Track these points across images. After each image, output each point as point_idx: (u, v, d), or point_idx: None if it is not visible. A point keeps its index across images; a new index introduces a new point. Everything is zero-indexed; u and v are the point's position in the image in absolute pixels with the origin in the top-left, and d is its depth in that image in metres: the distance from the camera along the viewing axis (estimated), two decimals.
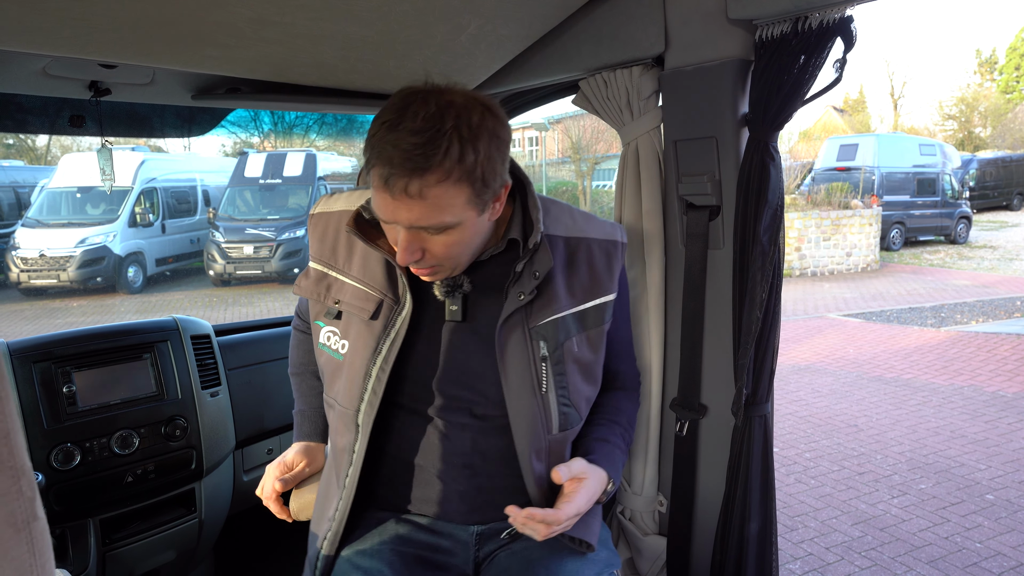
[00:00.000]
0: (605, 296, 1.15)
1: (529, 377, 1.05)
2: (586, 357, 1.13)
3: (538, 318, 1.06)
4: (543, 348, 1.06)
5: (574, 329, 1.10)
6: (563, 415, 1.10)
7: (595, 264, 1.14)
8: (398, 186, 0.86)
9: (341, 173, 14.40)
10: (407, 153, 0.85)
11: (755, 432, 1.28)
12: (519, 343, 1.05)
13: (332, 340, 1.11)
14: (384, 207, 0.91)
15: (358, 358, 1.05)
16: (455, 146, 0.86)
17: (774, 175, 1.19)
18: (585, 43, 1.41)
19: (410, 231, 0.92)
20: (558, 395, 1.09)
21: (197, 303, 10.81)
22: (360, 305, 1.07)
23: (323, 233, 1.14)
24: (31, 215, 11.90)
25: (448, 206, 0.89)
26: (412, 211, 0.89)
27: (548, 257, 1.05)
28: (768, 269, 1.21)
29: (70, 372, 1.52)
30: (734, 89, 1.21)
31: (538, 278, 1.04)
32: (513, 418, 1.06)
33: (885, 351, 6.60)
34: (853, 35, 1.08)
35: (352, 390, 1.06)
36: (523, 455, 1.06)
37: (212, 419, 1.69)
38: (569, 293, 1.10)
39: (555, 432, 1.09)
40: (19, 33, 1.08)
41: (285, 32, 1.21)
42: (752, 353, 1.24)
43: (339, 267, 1.11)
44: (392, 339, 1.04)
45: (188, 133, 1.92)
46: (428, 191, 0.87)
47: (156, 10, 1.05)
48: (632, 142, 1.41)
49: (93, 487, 1.51)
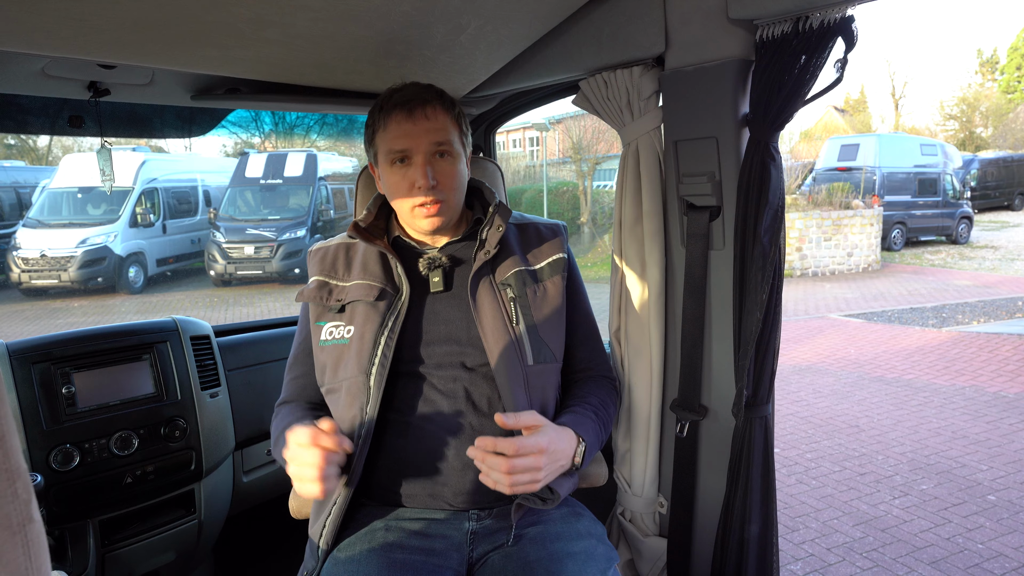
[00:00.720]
0: (555, 255, 1.33)
1: (501, 316, 1.22)
2: (549, 302, 1.29)
3: (502, 274, 1.27)
4: (510, 292, 1.25)
5: (533, 280, 1.29)
6: (536, 348, 1.24)
7: (543, 236, 1.36)
8: (418, 111, 1.18)
9: (342, 173, 14.40)
10: (418, 91, 1.21)
11: (756, 433, 1.27)
12: (488, 292, 1.24)
13: (336, 331, 1.24)
14: (407, 135, 1.19)
15: (368, 332, 1.20)
16: (447, 98, 1.25)
17: (775, 175, 1.18)
18: (585, 43, 1.40)
19: (426, 157, 1.19)
20: (528, 330, 1.24)
21: (198, 303, 10.81)
22: (365, 293, 1.23)
23: (322, 257, 1.33)
24: (32, 215, 11.90)
25: (450, 131, 1.22)
26: (429, 132, 1.19)
27: (507, 211, 1.29)
28: (769, 270, 1.20)
29: (69, 373, 1.52)
30: (735, 89, 1.21)
31: (501, 230, 1.25)
32: (491, 354, 1.19)
33: (886, 351, 6.59)
34: (854, 35, 1.08)
35: (362, 360, 1.18)
36: (504, 386, 1.18)
37: (212, 420, 1.69)
38: (524, 257, 1.31)
39: (531, 362, 1.22)
40: (18, 33, 1.08)
41: (285, 32, 1.21)
42: (753, 354, 1.23)
43: (339, 277, 1.29)
44: (396, 314, 1.21)
45: (188, 133, 1.91)
46: (437, 115, 1.20)
47: (155, 10, 1.05)
48: (632, 142, 1.41)
49: (92, 488, 1.51)
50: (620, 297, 1.48)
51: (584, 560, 1.09)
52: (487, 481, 1.04)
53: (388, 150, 1.20)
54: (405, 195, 1.21)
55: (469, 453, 1.05)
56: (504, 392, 1.17)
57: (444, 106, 1.22)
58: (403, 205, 1.23)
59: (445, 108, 1.22)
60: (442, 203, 1.21)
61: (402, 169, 1.20)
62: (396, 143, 1.19)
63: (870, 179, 14.52)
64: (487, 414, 1.19)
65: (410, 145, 1.19)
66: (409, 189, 1.20)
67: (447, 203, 1.22)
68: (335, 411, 1.23)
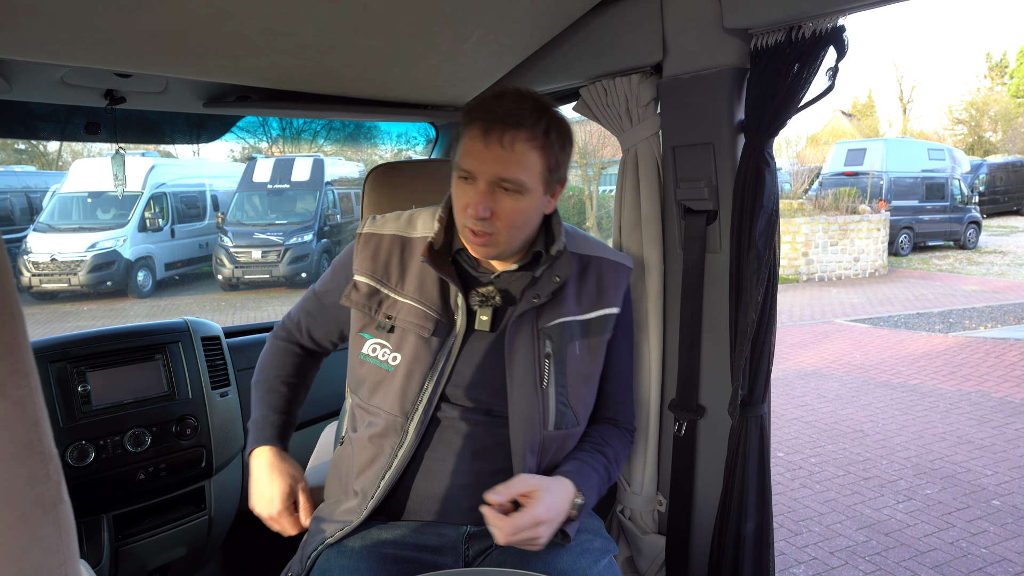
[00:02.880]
0: (609, 308, 1.23)
1: (532, 372, 1.14)
2: (586, 363, 1.20)
3: (546, 320, 1.16)
4: (548, 346, 1.16)
5: (578, 334, 1.19)
6: (560, 413, 1.16)
7: (603, 279, 1.23)
8: (494, 135, 1.04)
9: (348, 178, 14.47)
10: (509, 111, 1.05)
11: (751, 432, 1.30)
12: (526, 340, 1.14)
13: (379, 352, 1.16)
14: (475, 157, 1.06)
15: (416, 372, 1.13)
16: (545, 122, 1.07)
17: (769, 180, 1.22)
18: (585, 52, 1.44)
19: (489, 186, 1.06)
20: (557, 393, 1.16)
21: (206, 307, 10.89)
22: (419, 323, 1.14)
23: (375, 252, 1.20)
24: (43, 220, 12.03)
25: (527, 167, 1.07)
26: (499, 161, 1.05)
27: (570, 263, 1.17)
28: (763, 272, 1.23)
29: (85, 372, 1.56)
30: (730, 96, 1.24)
31: (558, 283, 1.15)
32: (512, 409, 1.13)
33: (892, 356, 6.58)
34: (845, 44, 1.11)
35: (406, 400, 1.13)
36: (517, 447, 1.12)
37: (222, 418, 1.73)
38: (577, 302, 1.20)
39: (551, 428, 1.15)
40: (40, 44, 1.13)
41: (294, 42, 1.25)
42: (748, 354, 1.26)
43: (392, 286, 1.18)
44: (447, 355, 1.14)
45: (198, 139, 1.96)
46: (517, 144, 1.05)
47: (171, 22, 1.09)
48: (631, 148, 1.44)
49: (107, 484, 1.55)
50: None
51: (580, 552, 1.12)
52: None
53: (458, 164, 1.10)
54: (460, 212, 1.11)
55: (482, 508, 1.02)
56: (515, 455, 1.12)
57: (531, 137, 1.06)
58: (457, 219, 1.14)
59: (531, 139, 1.06)
60: (492, 236, 1.09)
61: (464, 186, 1.09)
62: (464, 160, 1.08)
63: (877, 184, 14.48)
64: (498, 466, 1.14)
65: (474, 168, 1.07)
66: (464, 208, 1.10)
67: (498, 238, 1.10)
68: (361, 427, 1.20)
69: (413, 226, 1.23)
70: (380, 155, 12.43)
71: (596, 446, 1.23)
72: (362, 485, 1.15)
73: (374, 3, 1.13)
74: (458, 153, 1.10)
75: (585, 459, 1.19)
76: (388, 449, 1.14)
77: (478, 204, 1.06)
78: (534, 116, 1.06)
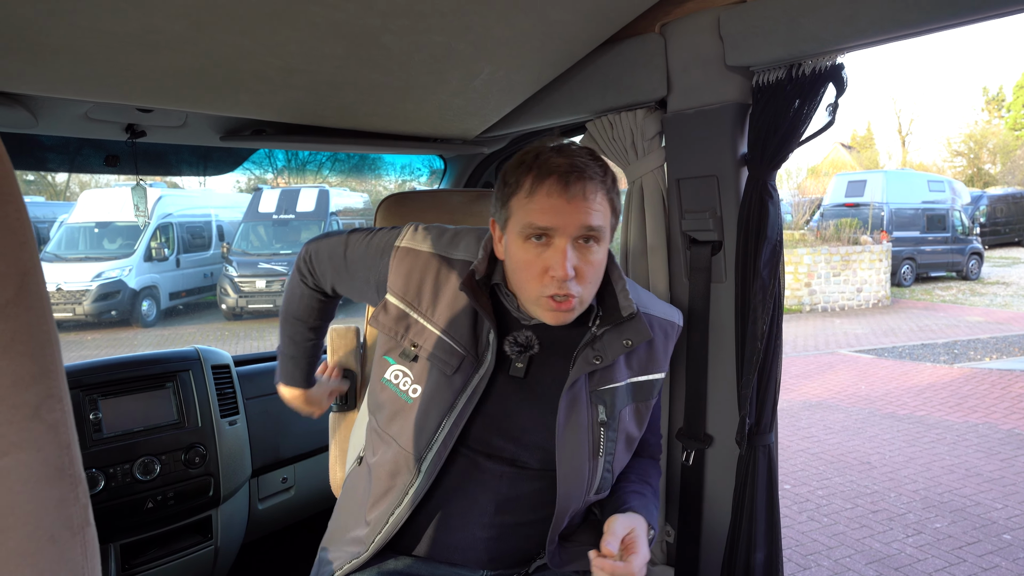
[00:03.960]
0: (658, 373, 1.18)
1: (588, 441, 1.08)
2: (633, 427, 1.16)
3: (600, 383, 1.10)
4: (602, 413, 1.09)
5: (628, 399, 1.14)
6: (604, 480, 1.12)
7: (654, 341, 1.17)
8: (576, 184, 0.99)
9: (353, 208, 14.60)
10: (584, 163, 1.01)
11: (759, 462, 1.30)
12: (579, 407, 1.08)
13: (401, 380, 1.11)
14: (555, 211, 0.99)
15: (434, 409, 1.07)
16: (610, 171, 1.06)
17: (772, 212, 1.24)
18: (591, 88, 1.48)
19: (571, 242, 1.00)
20: (606, 462, 1.11)
21: (209, 336, 10.89)
22: (444, 358, 1.08)
23: (409, 270, 1.13)
24: (49, 249, 12.12)
25: (604, 213, 1.03)
26: (584, 213, 0.99)
27: (646, 328, 1.10)
28: (769, 302, 1.25)
29: (97, 400, 1.58)
30: (733, 131, 1.28)
31: (627, 346, 1.09)
32: (563, 479, 1.07)
33: (897, 388, 6.55)
34: (844, 81, 1.15)
35: (421, 438, 1.08)
36: (561, 513, 1.07)
37: (230, 447, 1.74)
38: (628, 364, 1.14)
39: (592, 495, 1.12)
40: (67, 81, 1.17)
41: (311, 79, 1.29)
42: (755, 383, 1.27)
43: (423, 311, 1.11)
44: (468, 396, 1.07)
45: (214, 172, 2.01)
46: (595, 195, 1.01)
47: (193, 59, 1.14)
48: (637, 180, 1.48)
49: (115, 512, 1.56)
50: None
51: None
52: None
53: (528, 223, 1.00)
54: (534, 280, 1.01)
55: (591, 553, 0.99)
56: (557, 518, 1.07)
57: (605, 185, 1.03)
58: (529, 290, 1.03)
59: (606, 187, 1.03)
60: (576, 298, 1.02)
61: (537, 248, 1.01)
62: (541, 218, 0.99)
63: (878, 215, 14.56)
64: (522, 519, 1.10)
65: (558, 224, 0.99)
66: (540, 274, 1.01)
67: (581, 299, 1.03)
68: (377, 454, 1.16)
69: (456, 246, 1.15)
70: (384, 186, 12.57)
71: (641, 477, 1.22)
72: (373, 516, 1.14)
73: (388, 42, 1.17)
74: (525, 213, 1.00)
75: (642, 491, 1.17)
76: (400, 486, 1.10)
77: (563, 264, 0.98)
78: (595, 163, 1.03)
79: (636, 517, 1.07)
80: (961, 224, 15.72)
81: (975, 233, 16.29)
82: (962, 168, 36.03)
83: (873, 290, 12.12)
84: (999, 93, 37.95)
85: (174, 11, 0.96)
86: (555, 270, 0.99)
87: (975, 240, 16.00)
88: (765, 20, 1.15)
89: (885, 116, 64.88)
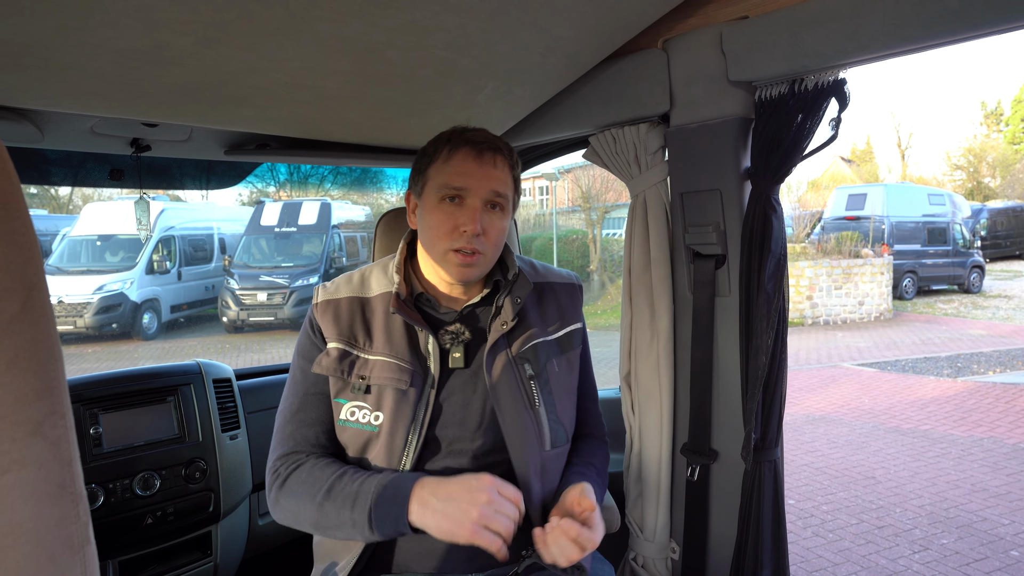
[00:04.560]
0: (573, 325, 1.31)
1: (521, 396, 1.17)
2: (567, 376, 1.26)
3: (520, 346, 1.21)
4: (529, 369, 1.20)
5: (553, 352, 1.25)
6: (553, 432, 1.20)
7: (560, 301, 1.31)
8: (487, 154, 1.14)
9: (354, 221, 14.66)
10: (490, 137, 1.18)
11: (765, 477, 1.29)
12: (506, 368, 1.17)
13: (359, 414, 1.14)
14: (469, 175, 1.13)
15: (400, 427, 1.12)
16: (509, 149, 1.21)
17: (776, 225, 1.24)
18: (594, 102, 1.49)
19: (481, 203, 1.13)
20: (547, 411, 1.20)
21: (210, 349, 10.88)
22: (395, 377, 1.14)
23: (335, 317, 1.19)
24: (51, 262, 12.14)
25: (508, 185, 1.18)
26: (492, 179, 1.14)
27: (527, 282, 1.23)
28: (773, 316, 1.25)
29: (97, 414, 1.57)
30: (736, 145, 1.28)
31: (519, 303, 1.20)
32: (508, 438, 1.14)
33: (901, 401, 6.52)
34: (847, 96, 1.15)
35: (392, 458, 1.12)
36: (521, 474, 1.13)
37: (231, 462, 1.73)
38: (543, 324, 1.26)
39: (548, 448, 1.19)
40: (74, 96, 1.18)
41: (315, 94, 1.30)
42: (760, 398, 1.27)
43: (360, 346, 1.17)
44: (426, 404, 1.14)
45: (217, 186, 2.01)
46: (502, 164, 1.16)
47: (199, 75, 1.14)
48: (640, 194, 1.48)
49: (114, 528, 1.54)
50: (630, 343, 1.53)
51: None
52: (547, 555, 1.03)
53: (444, 184, 1.13)
54: (445, 236, 1.12)
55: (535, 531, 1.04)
56: (522, 482, 1.12)
57: (509, 161, 1.18)
58: (438, 246, 1.14)
59: (510, 163, 1.18)
60: (480, 255, 1.13)
61: (450, 208, 1.13)
62: (456, 179, 1.12)
63: (879, 228, 14.59)
64: None
65: (470, 185, 1.12)
66: (451, 231, 1.12)
67: (485, 257, 1.15)
68: None
69: (367, 285, 1.23)
70: (386, 199, 12.61)
71: (583, 459, 1.28)
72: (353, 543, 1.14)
73: (393, 58, 1.18)
74: (442, 176, 1.14)
75: (583, 471, 1.23)
76: None
77: (474, 220, 1.11)
78: (504, 144, 1.19)
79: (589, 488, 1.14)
80: (962, 237, 15.73)
81: (976, 246, 16.29)
82: (962, 182, 36.11)
83: (875, 303, 12.11)
84: (997, 107, 38.15)
85: (181, 28, 0.96)
86: (466, 225, 1.11)
87: (976, 253, 16.00)
88: (767, 36, 1.15)
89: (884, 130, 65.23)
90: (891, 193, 15.57)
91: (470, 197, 1.13)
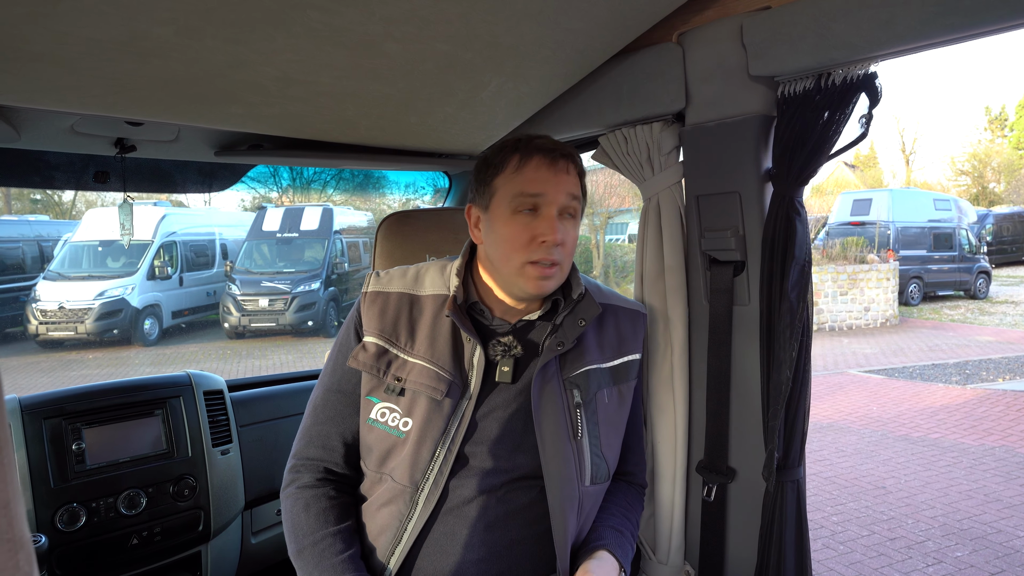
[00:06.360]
0: (632, 355, 1.22)
1: (564, 424, 1.09)
2: (616, 410, 1.18)
3: (571, 369, 1.13)
4: (577, 396, 1.12)
5: (605, 382, 1.17)
6: (595, 466, 1.12)
7: (621, 327, 1.23)
8: (561, 162, 1.09)
9: (357, 227, 14.61)
10: (561, 146, 1.11)
11: (788, 498, 1.21)
12: (554, 391, 1.10)
13: (389, 417, 1.10)
14: (545, 182, 1.07)
15: (428, 439, 1.07)
16: (577, 157, 1.14)
17: (800, 230, 1.17)
18: (605, 100, 1.41)
19: (559, 211, 1.08)
20: (591, 444, 1.12)
21: (211, 355, 10.82)
22: (431, 385, 1.08)
23: (382, 310, 1.15)
24: (53, 268, 12.11)
25: (579, 189, 1.12)
26: (567, 183, 1.08)
27: (594, 304, 1.15)
28: (797, 327, 1.17)
29: (80, 429, 1.49)
30: (757, 144, 1.20)
31: (583, 325, 1.13)
32: (546, 465, 1.07)
33: (910, 409, 6.42)
34: (878, 91, 1.08)
35: (417, 469, 1.07)
36: (555, 507, 1.06)
37: (222, 478, 1.65)
38: (599, 350, 1.17)
39: (588, 484, 1.11)
40: (50, 91, 1.11)
41: (309, 90, 1.23)
42: (783, 414, 1.19)
43: (402, 346, 1.13)
44: (461, 418, 1.08)
45: (209, 188, 1.94)
46: (573, 171, 1.11)
47: (184, 69, 1.07)
48: (653, 197, 1.40)
49: (97, 550, 1.46)
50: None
51: None
52: None
53: (519, 193, 1.06)
54: (522, 248, 1.06)
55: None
56: (555, 515, 1.06)
57: (578, 168, 1.12)
58: (513, 259, 1.07)
59: (579, 171, 1.12)
60: (558, 267, 1.08)
61: (526, 219, 1.06)
62: (532, 186, 1.06)
63: (884, 233, 14.49)
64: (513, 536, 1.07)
65: (548, 191, 1.06)
66: (528, 242, 1.06)
67: (563, 268, 1.10)
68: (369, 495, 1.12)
69: (421, 283, 1.18)
70: (388, 204, 12.56)
71: (624, 511, 1.20)
72: (370, 562, 1.08)
73: (391, 51, 1.11)
74: (514, 186, 1.07)
75: (619, 527, 1.15)
76: (396, 522, 1.07)
77: (554, 229, 1.05)
78: (571, 149, 1.12)
79: (604, 560, 1.07)
80: (968, 243, 15.62)
81: (982, 252, 16.17)
82: (966, 187, 36.01)
83: (881, 309, 12.01)
84: (1002, 112, 38.04)
85: (158, 16, 0.89)
86: (546, 234, 1.05)
87: (982, 259, 15.88)
88: (792, 26, 1.08)
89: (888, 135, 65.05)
90: (896, 198, 15.48)
91: (546, 206, 1.07)
